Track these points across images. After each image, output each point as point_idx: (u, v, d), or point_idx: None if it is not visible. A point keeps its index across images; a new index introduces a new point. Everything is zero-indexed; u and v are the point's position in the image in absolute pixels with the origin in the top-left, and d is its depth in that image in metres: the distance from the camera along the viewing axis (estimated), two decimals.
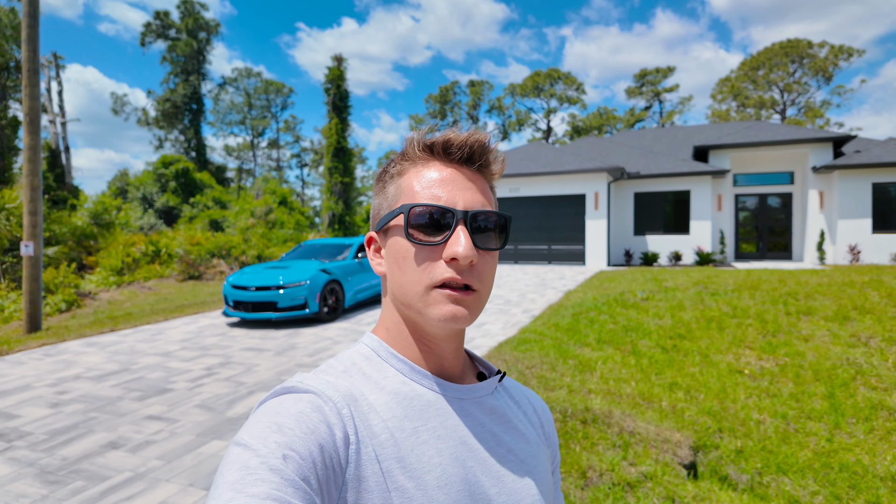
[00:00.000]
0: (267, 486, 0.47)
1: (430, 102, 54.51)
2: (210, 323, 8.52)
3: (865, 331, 6.23)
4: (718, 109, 47.17)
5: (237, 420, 4.32)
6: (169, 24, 38.78)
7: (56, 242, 16.67)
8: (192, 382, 5.32)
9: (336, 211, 29.95)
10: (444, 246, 0.62)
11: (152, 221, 29.73)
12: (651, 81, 52.62)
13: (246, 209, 26.79)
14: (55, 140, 30.40)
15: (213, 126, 52.22)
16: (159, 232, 20.85)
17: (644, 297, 8.14)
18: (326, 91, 30.26)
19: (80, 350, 6.93)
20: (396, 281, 0.66)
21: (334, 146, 30.08)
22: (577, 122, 51.68)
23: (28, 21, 9.35)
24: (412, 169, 0.68)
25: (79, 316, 10.79)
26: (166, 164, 31.71)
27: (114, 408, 4.65)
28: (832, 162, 15.38)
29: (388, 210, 0.68)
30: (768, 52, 44.34)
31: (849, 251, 15.07)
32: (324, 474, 0.52)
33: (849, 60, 42.16)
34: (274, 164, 57.04)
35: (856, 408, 4.72)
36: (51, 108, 30.92)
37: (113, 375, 5.65)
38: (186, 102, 38.11)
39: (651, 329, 6.67)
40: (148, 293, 13.52)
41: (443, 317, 0.62)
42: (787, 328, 6.50)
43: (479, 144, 0.66)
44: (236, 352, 6.54)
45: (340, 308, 8.45)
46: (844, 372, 5.27)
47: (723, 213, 17.10)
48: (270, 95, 53.54)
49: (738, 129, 18.77)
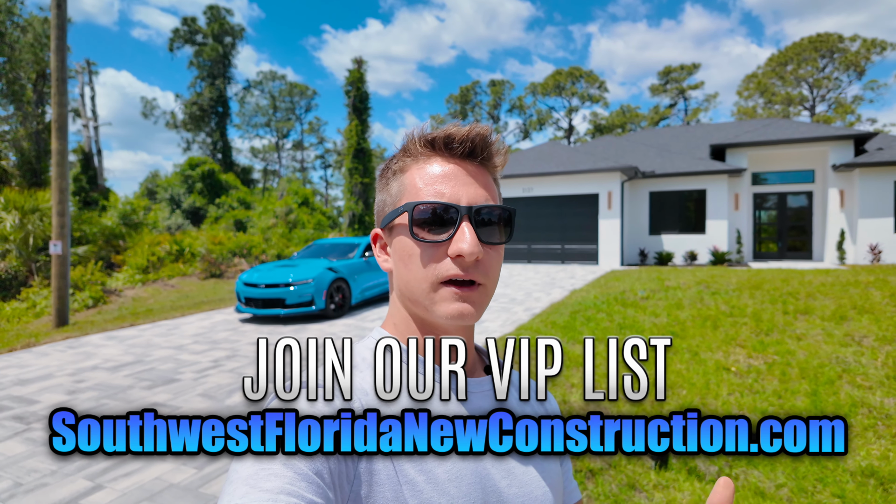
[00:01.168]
0: (280, 481, 0.47)
1: (451, 103, 54.73)
2: (224, 319, 8.91)
3: (860, 330, 6.22)
4: (744, 106, 46.25)
5: (234, 408, 4.61)
6: (196, 30, 39.92)
7: (86, 242, 17.43)
8: (199, 373, 5.65)
9: (356, 211, 30.42)
10: (449, 242, 0.63)
11: (179, 221, 30.66)
12: (676, 79, 51.87)
13: (269, 210, 27.47)
14: (88, 143, 31.60)
15: (239, 128, 53.50)
16: (183, 232, 21.57)
17: (644, 296, 8.22)
18: (347, 93, 30.75)
19: (100, 343, 7.36)
20: (403, 278, 0.66)
21: (354, 147, 30.54)
22: (600, 121, 51.27)
23: (56, 33, 9.90)
24: (414, 165, 0.67)
25: (104, 312, 11.34)
26: (193, 165, 32.67)
27: (124, 395, 5.00)
28: (853, 160, 15.09)
29: (392, 207, 0.68)
30: (797, 46, 43.31)
31: (869, 251, 14.76)
32: (336, 468, 0.53)
33: (882, 54, 40.92)
34: (298, 165, 58.07)
35: (837, 405, 4.77)
36: (84, 112, 32.15)
37: (127, 366, 6.03)
38: (212, 105, 39.18)
39: (645, 327, 6.77)
40: (171, 290, 14.07)
41: (449, 314, 0.63)
42: (781, 327, 6.53)
43: (481, 138, 0.66)
44: (243, 346, 6.87)
45: (347, 305, 8.75)
46: (831, 370, 5.31)
47: (740, 213, 16.91)
48: (295, 98, 54.53)
49: (757, 128, 18.51)
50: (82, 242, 17.25)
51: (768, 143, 16.27)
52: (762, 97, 45.39)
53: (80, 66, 32.57)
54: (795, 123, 18.31)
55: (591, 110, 52.59)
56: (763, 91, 45.00)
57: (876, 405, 4.70)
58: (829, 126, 17.79)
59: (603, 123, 51.35)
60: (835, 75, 42.72)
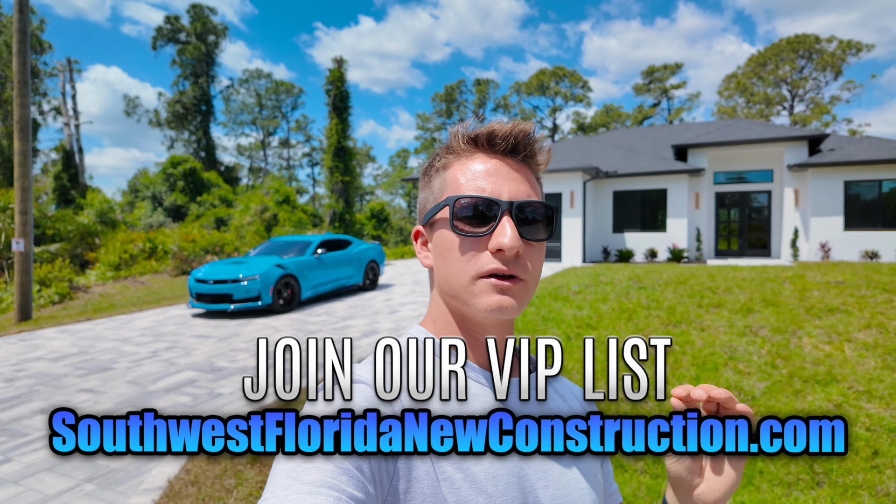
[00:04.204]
0: (322, 475, 0.48)
1: (437, 101, 55.07)
2: (177, 314, 9.26)
3: (760, 322, 6.67)
4: (725, 106, 46.90)
5: (156, 393, 4.98)
6: (179, 28, 40.02)
7: (60, 239, 17.68)
8: (134, 363, 6.01)
9: (337, 209, 30.76)
10: (489, 237, 0.63)
11: (161, 219, 30.86)
12: (659, 78, 52.44)
13: (249, 208, 27.76)
14: (69, 141, 31.70)
15: (224, 126, 53.62)
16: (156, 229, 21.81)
17: (577, 291, 8.64)
18: (327, 92, 31.05)
19: (51, 336, 7.70)
20: (443, 272, 0.66)
21: (335, 146, 30.87)
22: (583, 120, 51.78)
23: (18, 37, 10.18)
24: (457, 162, 0.68)
25: (69, 307, 11.65)
26: (175, 163, 32.85)
27: (57, 383, 5.35)
28: (806, 160, 15.60)
29: (433, 203, 0.68)
30: (775, 47, 43.97)
31: (820, 248, 15.28)
32: (377, 463, 0.53)
33: (858, 56, 41.64)
34: (285, 163, 58.23)
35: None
36: (65, 110, 32.25)
37: (69, 357, 6.38)
38: (196, 104, 39.31)
39: (566, 319, 7.18)
40: (140, 287, 14.38)
41: (489, 307, 0.62)
42: (691, 319, 6.97)
43: (524, 135, 0.66)
44: (186, 338, 7.23)
45: (296, 300, 9.13)
46: (719, 357, 5.75)
47: (701, 211, 17.39)
48: (281, 96, 54.66)
49: (719, 128, 19.01)
50: (56, 240, 17.50)
51: (727, 144, 16.75)
52: (742, 97, 46.06)
53: (62, 64, 32.67)
54: (755, 124, 18.83)
55: (574, 109, 52.92)
56: (743, 91, 45.66)
57: (748, 389, 5.13)
58: (785, 127, 18.32)
59: (587, 123, 51.89)
60: (812, 76, 43.42)
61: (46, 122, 33.77)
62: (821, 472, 3.93)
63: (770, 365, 5.53)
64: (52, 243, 17.07)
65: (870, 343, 5.83)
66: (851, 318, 6.53)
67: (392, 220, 38.76)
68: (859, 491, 3.69)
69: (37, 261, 14.95)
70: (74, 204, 26.01)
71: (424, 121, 56.18)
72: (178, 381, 5.30)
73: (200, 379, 5.37)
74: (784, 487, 3.79)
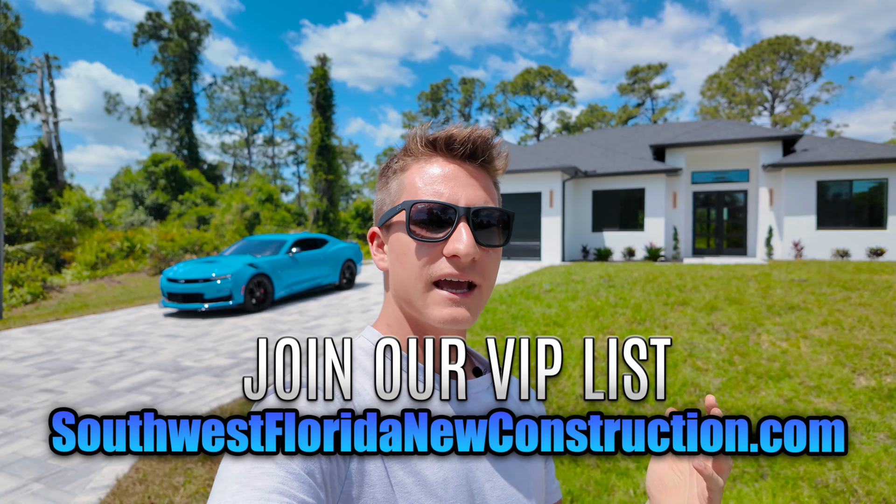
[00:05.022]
0: (273, 480, 0.47)
1: (423, 100, 55.06)
2: (149, 313, 9.21)
3: (722, 319, 6.80)
4: (707, 106, 47.46)
5: (118, 392, 4.97)
6: (161, 25, 39.59)
7: (36, 238, 17.45)
8: (98, 363, 5.99)
9: (321, 208, 30.65)
10: (445, 242, 0.62)
11: (142, 218, 30.53)
12: (643, 79, 52.89)
13: (231, 206, 27.58)
14: (48, 139, 31.25)
15: (208, 124, 53.17)
16: (135, 228, 21.61)
17: (548, 290, 8.74)
18: (310, 90, 30.95)
19: (18, 336, 7.62)
20: (398, 277, 0.66)
21: (318, 144, 30.78)
22: (568, 120, 52.09)
23: None
24: (415, 165, 0.67)
25: (42, 307, 11.52)
26: (156, 162, 32.53)
27: (17, 383, 5.32)
28: (780, 160, 15.86)
29: (390, 206, 0.68)
30: (756, 48, 44.56)
31: (793, 247, 15.56)
32: (328, 468, 0.53)
33: (836, 57, 42.34)
34: (270, 161, 57.87)
35: (673, 385, 5.31)
36: (44, 107, 31.77)
37: (33, 357, 6.33)
38: (178, 101, 38.93)
39: (534, 317, 7.27)
40: (116, 286, 14.24)
41: (443, 319, 0.62)
42: (656, 317, 7.08)
43: (483, 140, 0.66)
44: (154, 338, 7.21)
45: (269, 300, 9.13)
46: (678, 354, 5.86)
47: (678, 211, 17.61)
48: (265, 94, 54.31)
49: (696, 129, 19.25)
50: (31, 239, 17.27)
51: (703, 144, 16.98)
52: (724, 97, 46.64)
53: (40, 60, 32.17)
54: (731, 124, 19.10)
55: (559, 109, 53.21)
56: (725, 91, 46.23)
57: (703, 385, 5.25)
58: (760, 127, 18.60)
59: (572, 122, 52.20)
60: (793, 77, 44.09)
61: (25, 120, 33.27)
62: (765, 466, 4.05)
63: (727, 361, 5.66)
64: (27, 242, 16.84)
65: (825, 339, 5.98)
66: (810, 315, 6.69)
67: None
68: (800, 483, 3.80)
69: (10, 260, 14.75)
70: (52, 202, 25.66)
71: (410, 119, 56.14)
72: (140, 381, 5.30)
73: (163, 378, 5.37)
74: (730, 481, 3.89)
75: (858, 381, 5.14)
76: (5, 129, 31.22)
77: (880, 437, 4.27)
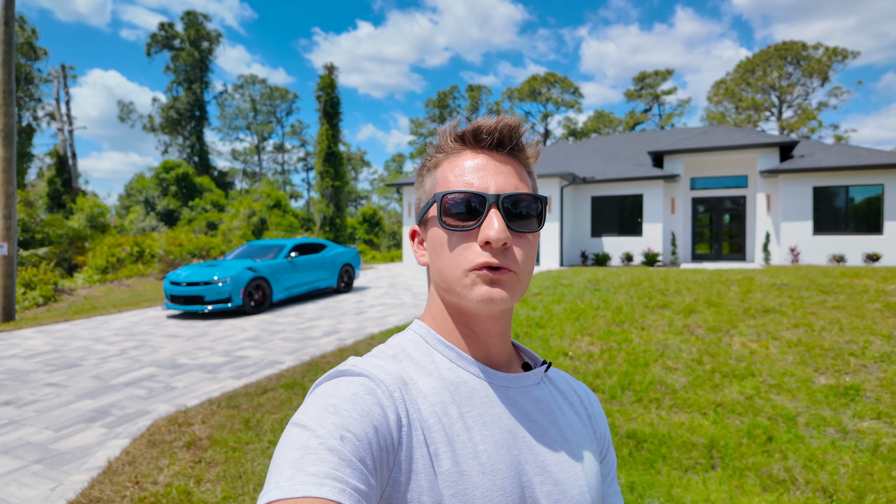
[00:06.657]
0: (326, 466, 0.48)
1: (430, 107, 55.60)
2: (153, 315, 9.61)
3: (699, 321, 7.03)
4: (714, 112, 47.45)
5: (117, 387, 5.33)
6: (173, 35, 40.50)
7: (49, 243, 18.03)
8: (101, 360, 6.36)
9: (327, 214, 31.14)
10: (478, 230, 0.63)
11: (153, 223, 31.20)
12: (650, 84, 53.00)
13: (240, 212, 28.16)
14: (63, 147, 32.08)
15: (219, 131, 54.12)
16: (146, 234, 22.17)
17: (536, 293, 9.01)
18: (318, 98, 31.51)
19: (29, 336, 8.04)
20: (436, 268, 0.68)
21: (325, 151, 31.29)
22: (574, 126, 52.30)
23: (3, 48, 10.56)
24: (446, 160, 0.69)
25: (53, 309, 11.98)
26: (167, 168, 33.24)
27: (25, 377, 5.70)
28: (777, 166, 16.01)
29: (425, 201, 0.70)
30: (763, 54, 44.53)
31: (790, 252, 15.67)
32: (379, 455, 0.54)
33: (844, 62, 42.21)
34: (280, 167, 58.66)
35: (642, 383, 5.56)
36: (59, 116, 32.63)
37: (41, 355, 6.72)
38: (189, 109, 39.76)
39: (518, 319, 7.54)
40: (125, 290, 14.71)
41: (479, 298, 0.63)
42: (636, 319, 7.33)
43: (509, 128, 0.67)
44: (155, 337, 7.58)
45: (267, 302, 9.49)
46: (650, 354, 6.11)
47: (676, 216, 17.78)
48: (276, 101, 55.16)
49: (695, 135, 19.42)
50: (45, 244, 17.85)
51: (701, 150, 17.16)
52: (731, 103, 46.60)
53: (56, 70, 33.07)
54: (730, 130, 19.26)
55: (565, 115, 53.42)
56: (732, 97, 46.20)
57: (670, 383, 5.50)
58: (758, 133, 18.75)
59: (578, 128, 52.42)
60: (801, 82, 43.98)
61: (41, 128, 34.19)
62: (717, 457, 4.29)
63: (696, 361, 5.89)
64: (41, 247, 17.42)
65: (793, 341, 6.19)
66: (783, 318, 6.90)
67: (385, 225, 39.15)
68: (747, 472, 4.05)
69: (24, 264, 15.29)
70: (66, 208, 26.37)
71: (418, 126, 56.70)
72: (138, 377, 5.65)
73: (160, 374, 5.72)
74: (682, 471, 4.15)
75: (818, 380, 5.36)
76: (22, 137, 32.12)
77: (829, 432, 4.50)
